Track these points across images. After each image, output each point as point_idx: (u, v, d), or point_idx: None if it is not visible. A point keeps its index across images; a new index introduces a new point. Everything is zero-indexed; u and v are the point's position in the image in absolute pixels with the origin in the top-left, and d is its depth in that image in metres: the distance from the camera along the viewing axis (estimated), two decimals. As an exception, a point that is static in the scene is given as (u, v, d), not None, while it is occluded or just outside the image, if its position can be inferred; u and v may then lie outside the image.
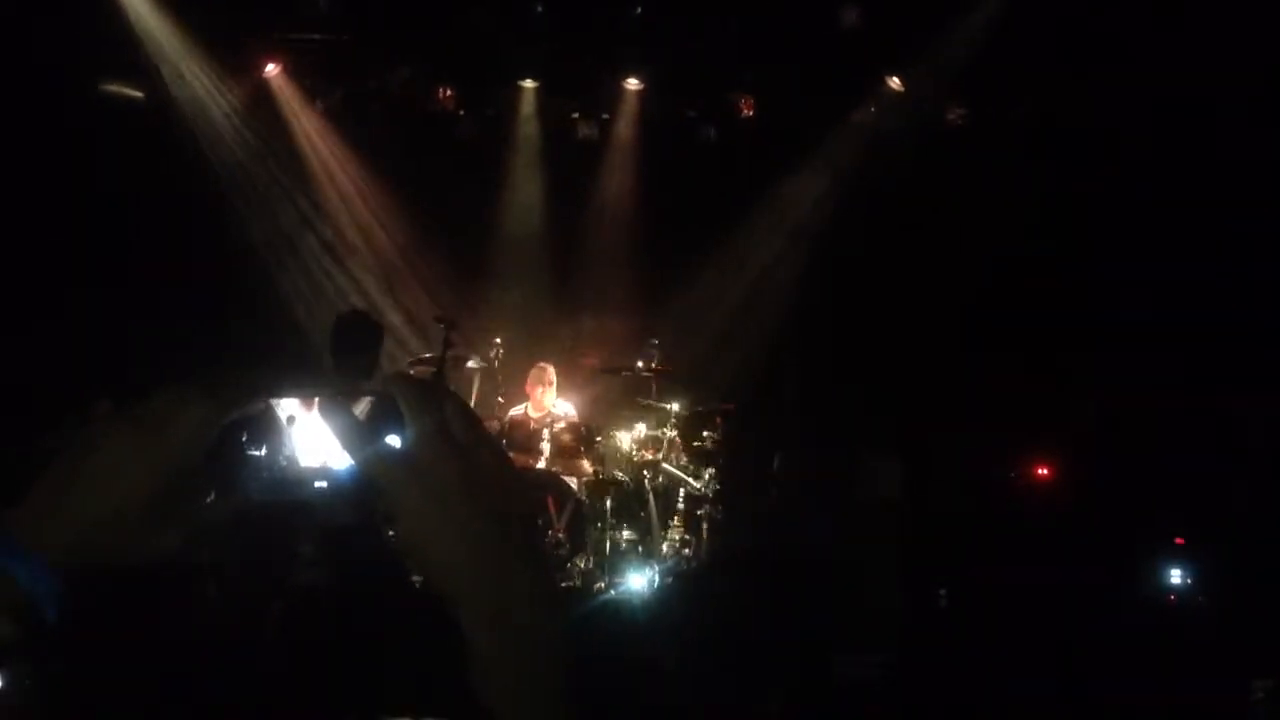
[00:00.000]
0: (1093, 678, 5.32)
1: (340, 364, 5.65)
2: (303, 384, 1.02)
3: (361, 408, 0.96)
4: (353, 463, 0.93)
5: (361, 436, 0.93)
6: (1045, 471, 8.37)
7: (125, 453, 0.93)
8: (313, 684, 4.46)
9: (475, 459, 0.93)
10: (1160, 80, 8.25)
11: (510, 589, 0.92)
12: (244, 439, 1.00)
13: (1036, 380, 8.48)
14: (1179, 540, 7.41)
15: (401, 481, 0.92)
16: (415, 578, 4.51)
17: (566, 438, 7.46)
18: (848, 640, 5.61)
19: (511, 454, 7.45)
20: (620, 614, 6.47)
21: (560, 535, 6.99)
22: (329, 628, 4.96)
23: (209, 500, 0.99)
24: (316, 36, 9.11)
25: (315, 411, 1.00)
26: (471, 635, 0.91)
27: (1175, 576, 7.24)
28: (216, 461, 0.97)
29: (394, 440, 0.93)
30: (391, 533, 0.92)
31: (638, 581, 6.90)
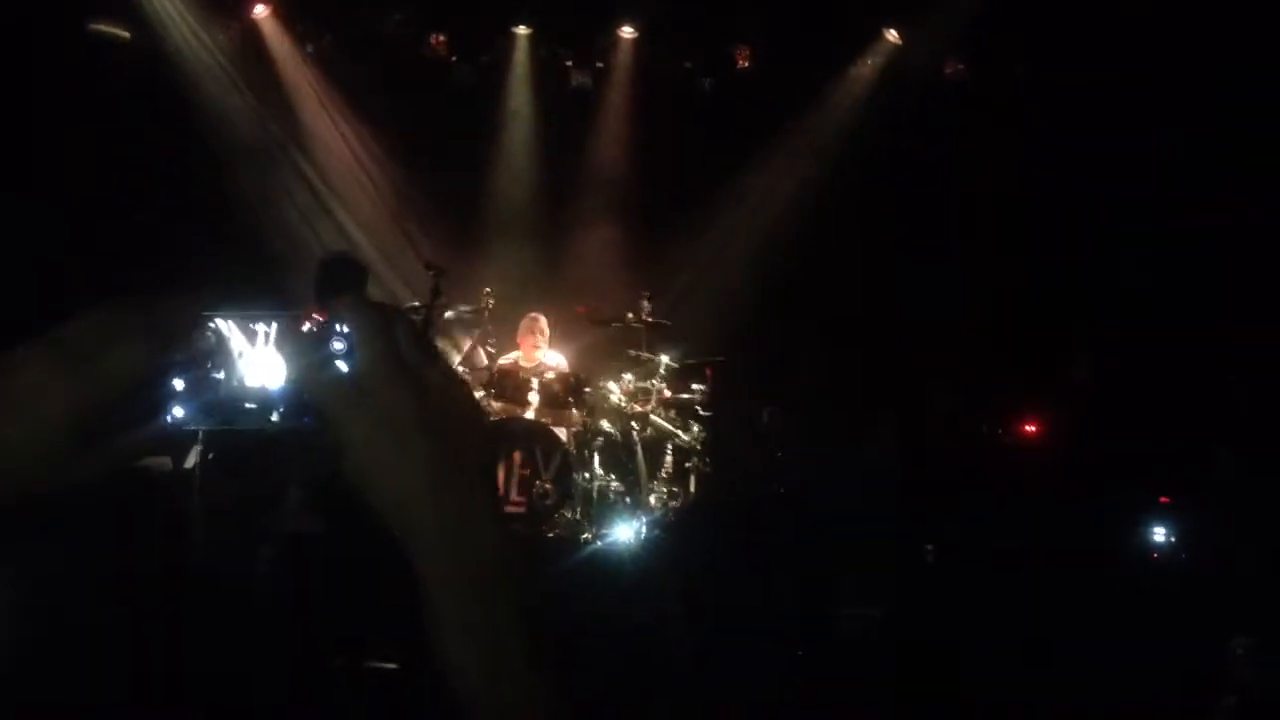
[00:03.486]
0: (1078, 634, 5.35)
1: (324, 306, 5.61)
2: (245, 305, 0.99)
3: (308, 332, 0.92)
4: (294, 387, 0.90)
5: (309, 362, 0.90)
6: (1033, 429, 8.39)
7: (45, 376, 0.89)
8: (301, 630, 4.47)
9: (428, 385, 0.90)
10: (1162, 38, 8.18)
11: (464, 520, 0.89)
12: (181, 362, 0.97)
13: (1027, 338, 8.49)
14: (1164, 499, 7.45)
15: (350, 409, 0.88)
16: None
17: (555, 388, 7.44)
18: (840, 595, 5.64)
19: (500, 404, 7.44)
20: (607, 565, 6.49)
21: (547, 486, 6.98)
22: (318, 574, 4.96)
23: (141, 426, 0.95)
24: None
25: (260, 335, 0.97)
26: (424, 570, 0.88)
27: (1160, 535, 7.28)
28: (149, 385, 0.93)
29: (342, 366, 0.89)
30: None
31: (625, 533, 6.91)
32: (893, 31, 9.37)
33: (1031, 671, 4.90)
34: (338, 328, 0.90)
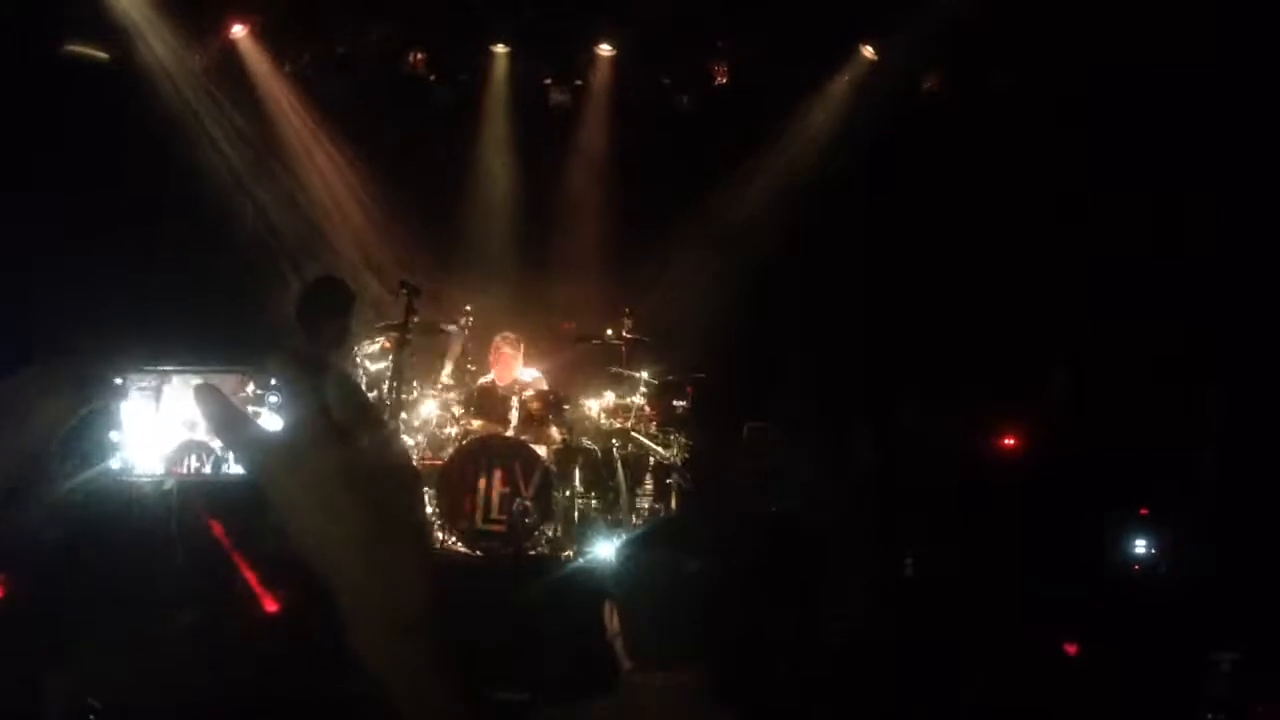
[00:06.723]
0: (1058, 647, 5.36)
1: (307, 331, 5.54)
2: (172, 361, 0.98)
3: (234, 388, 0.92)
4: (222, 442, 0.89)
5: (234, 422, 0.88)
6: (1012, 442, 8.41)
7: None
8: (283, 651, 4.45)
9: (358, 445, 0.88)
10: (1137, 48, 8.23)
11: (392, 578, 0.88)
12: (108, 418, 0.97)
13: (1005, 351, 8.51)
14: (1143, 511, 7.47)
15: (277, 469, 0.87)
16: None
17: (535, 405, 7.43)
18: (819, 606, 5.64)
19: (480, 422, 7.42)
20: (589, 582, 6.47)
21: (528, 503, 6.97)
22: (298, 594, 4.94)
23: (70, 479, 0.95)
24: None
25: (184, 387, 0.97)
26: (349, 617, 0.88)
27: (1140, 547, 7.31)
28: (77, 441, 0.93)
29: (271, 424, 0.88)
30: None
31: (606, 550, 6.90)
32: (868, 47, 9.42)
33: (1011, 683, 4.91)
34: (271, 383, 0.89)
